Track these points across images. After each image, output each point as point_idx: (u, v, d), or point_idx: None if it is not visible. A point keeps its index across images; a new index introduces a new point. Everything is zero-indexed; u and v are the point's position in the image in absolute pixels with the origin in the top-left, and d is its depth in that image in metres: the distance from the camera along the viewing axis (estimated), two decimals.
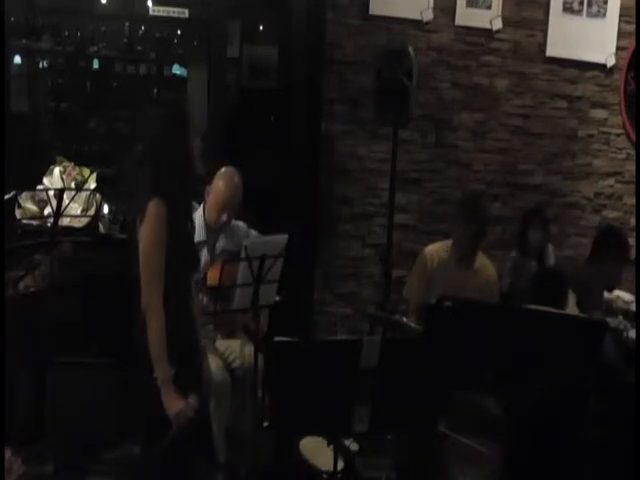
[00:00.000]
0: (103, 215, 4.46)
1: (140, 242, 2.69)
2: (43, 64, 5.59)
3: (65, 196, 3.75)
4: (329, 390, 2.59)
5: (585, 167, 5.32)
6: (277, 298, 3.49)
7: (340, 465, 3.18)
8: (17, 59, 5.39)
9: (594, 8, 5.14)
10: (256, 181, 4.14)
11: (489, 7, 5.00)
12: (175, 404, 2.65)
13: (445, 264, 3.98)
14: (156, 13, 5.41)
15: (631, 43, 5.18)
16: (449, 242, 4.04)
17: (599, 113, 5.28)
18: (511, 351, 2.61)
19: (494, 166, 5.18)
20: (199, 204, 3.79)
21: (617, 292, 4.42)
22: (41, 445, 3.68)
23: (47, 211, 3.91)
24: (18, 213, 4.06)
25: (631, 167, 5.31)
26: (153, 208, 2.65)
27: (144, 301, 2.68)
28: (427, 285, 3.94)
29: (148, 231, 2.67)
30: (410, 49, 4.09)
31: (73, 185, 4.15)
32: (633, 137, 5.28)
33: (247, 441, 3.56)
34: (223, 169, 3.85)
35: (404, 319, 3.46)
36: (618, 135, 5.32)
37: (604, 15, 5.17)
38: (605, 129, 5.30)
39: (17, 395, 3.80)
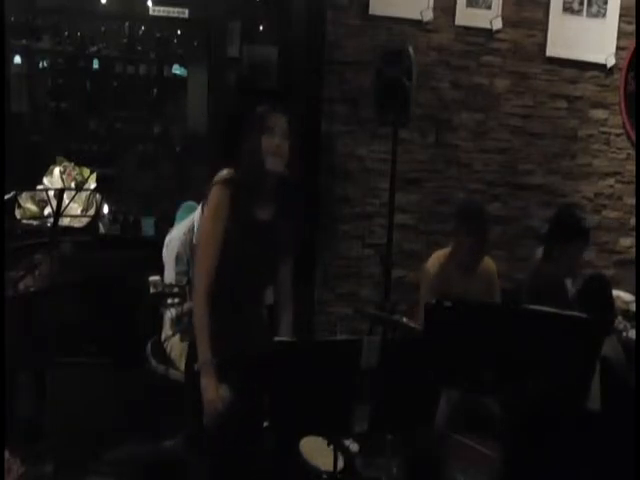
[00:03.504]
0: (103, 215, 4.46)
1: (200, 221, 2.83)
2: (43, 64, 5.59)
3: (65, 196, 3.74)
4: (329, 390, 2.59)
5: (585, 167, 5.31)
6: None
7: (340, 465, 3.18)
8: (17, 59, 5.39)
9: (594, 8, 5.14)
10: None
11: (489, 7, 5.00)
12: (208, 391, 2.68)
13: (446, 270, 3.92)
14: (156, 13, 5.40)
15: (631, 43, 5.18)
16: (447, 250, 3.98)
17: (599, 113, 5.27)
18: (511, 351, 2.61)
19: (494, 166, 5.18)
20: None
21: (617, 292, 4.42)
22: (41, 445, 3.68)
23: (47, 211, 3.91)
24: (18, 213, 4.06)
25: (631, 167, 5.30)
26: (215, 190, 2.76)
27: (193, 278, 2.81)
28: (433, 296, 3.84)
29: (207, 209, 2.77)
30: (410, 49, 4.09)
31: (73, 185, 4.15)
32: (633, 137, 5.28)
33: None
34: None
35: (404, 319, 3.45)
36: (618, 135, 5.32)
37: (604, 15, 5.16)
38: (605, 129, 5.30)
39: (17, 395, 3.80)
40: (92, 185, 4.28)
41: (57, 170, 4.24)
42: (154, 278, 3.88)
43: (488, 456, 3.27)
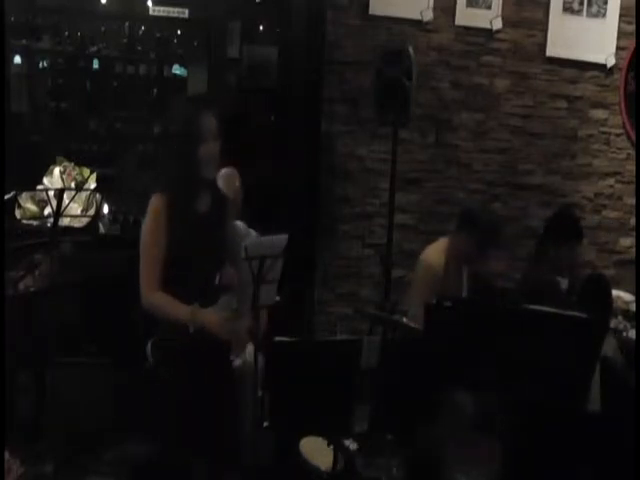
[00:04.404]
0: (103, 215, 4.46)
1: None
2: (43, 64, 5.60)
3: (65, 196, 3.74)
4: (329, 390, 2.59)
5: (585, 167, 5.31)
6: (277, 298, 3.49)
7: (340, 465, 3.18)
8: (17, 59, 5.39)
9: (594, 8, 5.14)
10: (256, 181, 4.14)
11: (489, 7, 5.00)
12: (215, 325, 2.72)
13: (445, 266, 3.91)
14: (156, 13, 5.42)
15: (631, 43, 5.18)
16: (442, 244, 3.97)
17: (599, 113, 5.27)
18: (511, 351, 2.61)
19: (494, 166, 5.18)
20: None
21: (617, 292, 4.42)
22: (41, 445, 3.68)
23: (47, 211, 3.91)
24: (18, 213, 4.06)
25: (631, 167, 5.30)
26: (153, 201, 2.80)
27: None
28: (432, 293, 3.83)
29: (146, 221, 2.82)
30: (410, 49, 4.09)
31: (73, 185, 4.15)
32: (633, 137, 5.28)
33: (247, 441, 3.55)
34: (223, 171, 3.85)
35: (404, 319, 3.45)
36: (618, 135, 5.32)
37: (604, 15, 5.16)
38: (605, 129, 5.30)
39: (17, 395, 3.80)
40: (92, 185, 4.28)
41: (57, 170, 4.24)
42: None
43: (488, 456, 3.27)
